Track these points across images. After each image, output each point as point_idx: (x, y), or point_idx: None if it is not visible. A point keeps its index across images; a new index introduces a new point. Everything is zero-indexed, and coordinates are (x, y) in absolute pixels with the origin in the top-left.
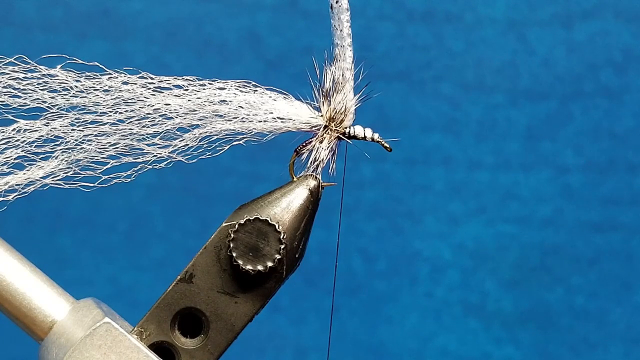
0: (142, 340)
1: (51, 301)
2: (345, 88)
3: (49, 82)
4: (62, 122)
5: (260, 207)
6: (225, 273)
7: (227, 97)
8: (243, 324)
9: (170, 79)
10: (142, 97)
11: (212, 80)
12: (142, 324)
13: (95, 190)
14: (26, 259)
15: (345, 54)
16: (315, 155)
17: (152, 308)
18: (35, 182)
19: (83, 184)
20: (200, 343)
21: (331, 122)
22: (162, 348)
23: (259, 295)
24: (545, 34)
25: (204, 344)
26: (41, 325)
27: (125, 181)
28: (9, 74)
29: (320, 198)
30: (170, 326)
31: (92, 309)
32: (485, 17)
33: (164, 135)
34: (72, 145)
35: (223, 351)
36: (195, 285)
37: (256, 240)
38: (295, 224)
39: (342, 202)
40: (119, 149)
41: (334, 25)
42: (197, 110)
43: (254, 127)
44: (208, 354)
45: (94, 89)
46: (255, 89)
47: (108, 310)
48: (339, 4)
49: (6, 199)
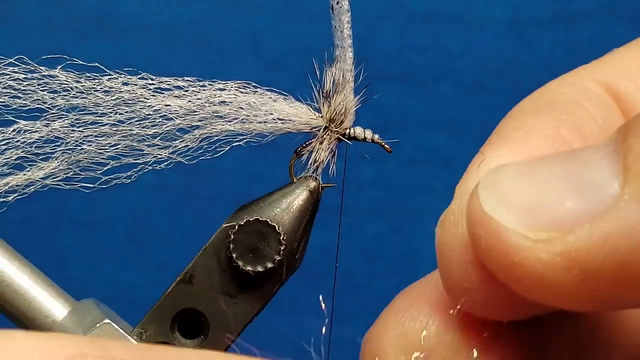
0: (142, 341)
1: (51, 302)
2: (345, 89)
3: (49, 83)
4: (62, 122)
5: (260, 208)
6: (225, 274)
7: (227, 98)
8: (243, 324)
9: (171, 80)
10: (142, 98)
11: (213, 81)
12: (142, 325)
13: (95, 190)
14: (26, 260)
15: (346, 55)
16: (315, 156)
17: (152, 309)
18: (35, 183)
19: (83, 184)
20: (200, 344)
21: (331, 123)
22: None
23: (259, 296)
24: (545, 34)
25: (203, 345)
26: (41, 326)
27: (126, 182)
28: (9, 75)
29: (320, 199)
30: (170, 327)
31: (92, 309)
32: (485, 18)
33: (164, 136)
34: (72, 146)
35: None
36: (195, 286)
37: (256, 241)
38: (295, 224)
39: (342, 202)
40: (119, 149)
41: (334, 26)
42: (197, 111)
43: (254, 128)
44: None
45: (94, 89)
46: (255, 90)
47: (108, 311)
48: (340, 5)
49: (6, 200)
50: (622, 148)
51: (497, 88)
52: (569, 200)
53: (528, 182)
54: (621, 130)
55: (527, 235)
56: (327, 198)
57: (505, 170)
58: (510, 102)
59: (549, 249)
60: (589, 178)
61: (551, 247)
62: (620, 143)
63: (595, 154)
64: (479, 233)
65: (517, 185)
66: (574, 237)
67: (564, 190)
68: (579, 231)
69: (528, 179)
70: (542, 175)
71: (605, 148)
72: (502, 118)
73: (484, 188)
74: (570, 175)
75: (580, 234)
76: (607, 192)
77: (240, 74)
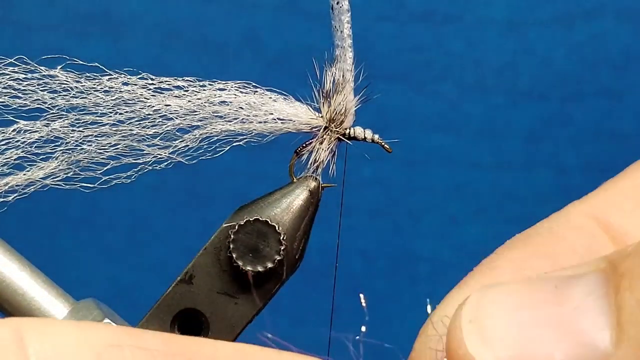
0: None
1: (51, 302)
2: (345, 89)
3: (49, 83)
4: (62, 122)
5: (260, 208)
6: (225, 274)
7: (227, 98)
8: (243, 324)
9: (171, 80)
10: (142, 98)
11: (213, 81)
12: (142, 324)
13: (95, 190)
14: (26, 260)
15: (346, 55)
16: (315, 156)
17: (152, 309)
18: (35, 183)
19: (83, 184)
20: None
21: (331, 123)
22: None
23: (259, 296)
24: (545, 34)
25: None
26: None
27: (126, 182)
28: (9, 75)
29: (321, 199)
30: (170, 327)
31: (92, 309)
32: (485, 18)
33: (164, 136)
34: (73, 146)
35: None
36: (195, 286)
37: (256, 241)
38: (296, 224)
39: (342, 202)
40: (119, 149)
41: (334, 26)
42: (197, 111)
43: (254, 128)
44: None
45: (94, 89)
46: (255, 89)
47: (108, 310)
48: (340, 5)
49: (6, 200)
50: (612, 293)
51: (497, 88)
52: (558, 352)
53: (514, 323)
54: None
55: None
56: (327, 198)
57: (490, 303)
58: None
59: None
60: (580, 327)
61: None
62: (611, 278)
63: (585, 298)
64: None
65: (503, 324)
66: None
67: (551, 339)
68: None
69: (514, 318)
70: (529, 315)
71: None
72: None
73: (468, 323)
74: (559, 320)
75: None
76: (598, 347)
77: (240, 74)
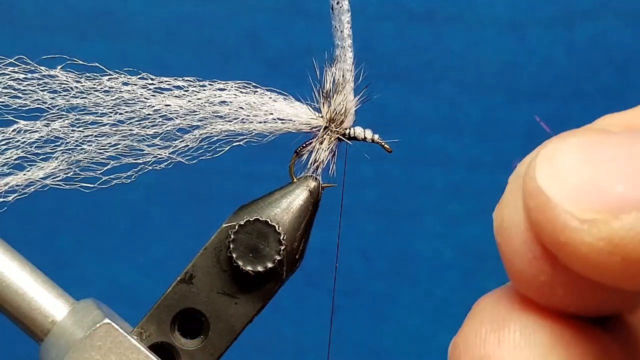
0: (142, 341)
1: (51, 302)
2: (345, 89)
3: (49, 83)
4: (62, 122)
5: (260, 208)
6: (225, 274)
7: (227, 98)
8: (243, 324)
9: (171, 80)
10: (142, 98)
11: (213, 81)
12: (142, 324)
13: (95, 190)
14: (26, 260)
15: (346, 55)
16: (315, 156)
17: (152, 309)
18: (35, 183)
19: (83, 184)
20: (200, 344)
21: (331, 123)
22: (162, 349)
23: (259, 296)
24: (545, 34)
25: (204, 345)
26: (41, 326)
27: (126, 182)
28: (9, 75)
29: (321, 199)
30: (170, 327)
31: (91, 309)
32: (485, 17)
33: (164, 136)
34: (73, 146)
35: (223, 352)
36: (195, 286)
37: (256, 241)
38: (296, 224)
39: (342, 202)
40: (119, 149)
41: (334, 26)
42: (198, 111)
43: (254, 128)
44: (208, 355)
45: (94, 89)
46: (255, 89)
47: (108, 310)
48: (340, 5)
49: (6, 200)
50: None
51: (497, 88)
52: (621, 185)
53: (586, 160)
54: None
55: (574, 214)
56: (327, 198)
57: (566, 142)
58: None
59: (593, 232)
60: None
61: (595, 231)
62: None
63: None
64: (530, 205)
65: (575, 161)
66: (619, 224)
67: (618, 173)
68: (625, 218)
69: (587, 156)
70: (601, 155)
71: None
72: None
73: (543, 159)
74: (629, 159)
75: (626, 221)
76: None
77: (240, 74)
